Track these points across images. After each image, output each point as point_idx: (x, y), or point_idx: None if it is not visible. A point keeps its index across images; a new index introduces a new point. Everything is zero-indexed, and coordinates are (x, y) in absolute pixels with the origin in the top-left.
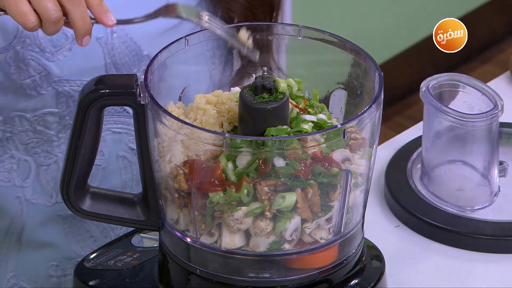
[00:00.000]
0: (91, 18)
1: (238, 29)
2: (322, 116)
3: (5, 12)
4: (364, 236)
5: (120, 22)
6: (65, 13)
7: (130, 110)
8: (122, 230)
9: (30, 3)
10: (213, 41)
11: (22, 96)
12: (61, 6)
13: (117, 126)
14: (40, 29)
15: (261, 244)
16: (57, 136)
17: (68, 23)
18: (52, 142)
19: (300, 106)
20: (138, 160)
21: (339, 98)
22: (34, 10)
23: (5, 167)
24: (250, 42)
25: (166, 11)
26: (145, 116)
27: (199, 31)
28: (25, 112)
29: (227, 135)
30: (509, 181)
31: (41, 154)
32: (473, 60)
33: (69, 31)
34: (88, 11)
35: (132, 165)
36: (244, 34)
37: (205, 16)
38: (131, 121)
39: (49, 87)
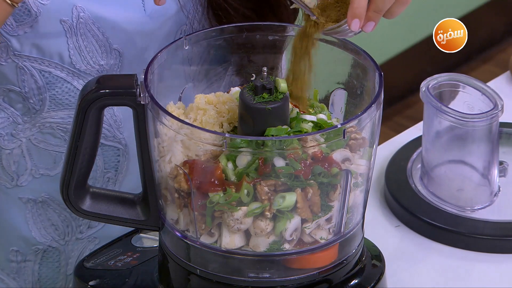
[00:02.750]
0: None
1: None
2: (322, 116)
3: None
4: (364, 236)
5: None
6: None
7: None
8: (84, 221)
9: None
10: (214, 41)
11: None
12: None
13: None
14: None
15: (261, 244)
16: (22, 119)
17: None
18: (17, 125)
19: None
20: (138, 160)
21: (339, 98)
22: None
23: None
24: (314, 4)
25: None
26: (145, 116)
27: (199, 31)
28: None
29: (227, 135)
30: (509, 181)
31: (5, 137)
32: (473, 60)
33: (33, 8)
34: None
35: (97, 156)
36: None
37: None
38: None
39: (9, 59)
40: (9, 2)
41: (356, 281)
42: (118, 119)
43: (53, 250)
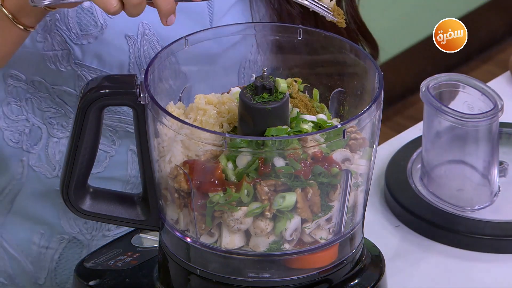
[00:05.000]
0: None
1: None
2: (322, 116)
3: None
4: (364, 236)
5: None
6: None
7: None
8: None
9: None
10: (214, 41)
11: (43, 66)
12: None
13: (130, 125)
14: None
15: (261, 244)
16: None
17: (151, 3)
18: (68, 118)
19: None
20: (138, 160)
21: (339, 98)
22: None
23: (18, 128)
24: (333, 3)
25: None
26: (145, 116)
27: (199, 31)
28: (46, 81)
29: (227, 135)
30: (509, 181)
31: (55, 126)
32: (473, 60)
33: (100, 21)
34: None
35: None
36: None
37: None
38: None
39: (69, 67)
40: (21, 27)
41: (356, 281)
42: None
43: (77, 242)
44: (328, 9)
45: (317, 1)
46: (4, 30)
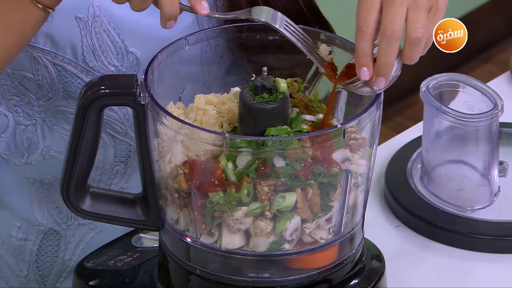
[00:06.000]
0: (181, 4)
1: (316, 43)
2: (322, 116)
3: None
4: (364, 236)
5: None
6: None
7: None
8: None
9: None
10: (214, 40)
11: None
12: None
13: None
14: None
15: (261, 244)
16: (38, 103)
17: (156, 2)
18: (33, 106)
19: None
20: (138, 160)
21: (339, 98)
22: None
23: None
24: (330, 58)
25: (244, 13)
26: (145, 116)
27: (199, 31)
28: None
29: (227, 135)
30: (509, 181)
31: (21, 113)
32: (473, 60)
33: None
34: None
35: (108, 147)
36: (325, 49)
37: (285, 23)
38: (114, 114)
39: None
40: (41, 7)
41: (356, 281)
42: (131, 118)
43: (54, 233)
44: (322, 59)
45: (315, 50)
46: (24, 11)
